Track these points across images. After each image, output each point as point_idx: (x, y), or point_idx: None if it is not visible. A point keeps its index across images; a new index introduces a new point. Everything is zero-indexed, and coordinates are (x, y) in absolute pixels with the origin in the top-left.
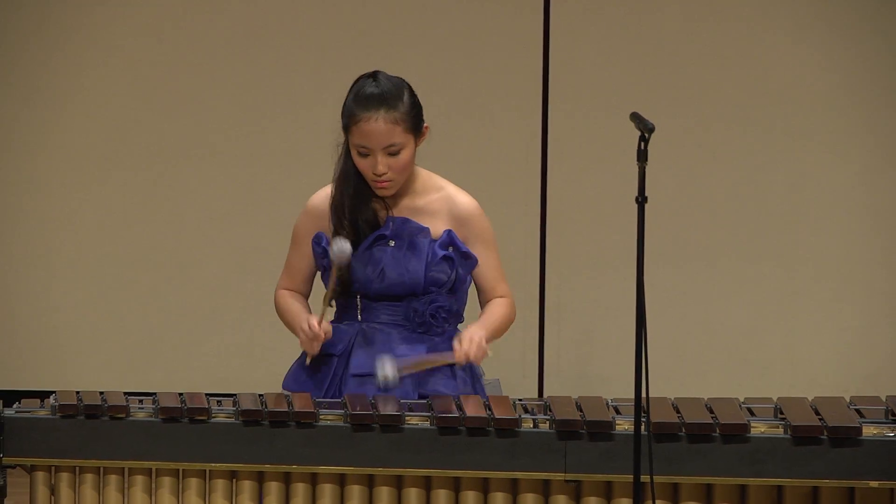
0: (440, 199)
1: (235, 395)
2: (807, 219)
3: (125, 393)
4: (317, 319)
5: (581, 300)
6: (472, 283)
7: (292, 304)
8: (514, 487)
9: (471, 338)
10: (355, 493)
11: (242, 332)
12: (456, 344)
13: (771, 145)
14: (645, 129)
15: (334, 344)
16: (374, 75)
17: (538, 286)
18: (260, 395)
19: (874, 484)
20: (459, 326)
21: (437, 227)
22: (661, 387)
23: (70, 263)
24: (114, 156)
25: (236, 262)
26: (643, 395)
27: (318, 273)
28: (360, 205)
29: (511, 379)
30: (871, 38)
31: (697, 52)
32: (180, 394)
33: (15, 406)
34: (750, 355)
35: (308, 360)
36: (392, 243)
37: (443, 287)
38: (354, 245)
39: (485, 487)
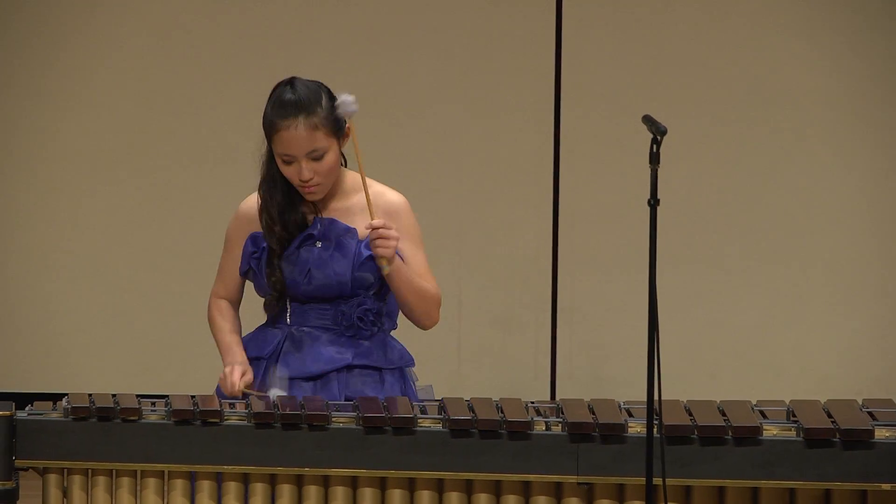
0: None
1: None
2: (818, 221)
3: (137, 395)
4: (240, 374)
5: (593, 303)
6: None
7: (223, 325)
8: (526, 490)
9: (392, 233)
10: (367, 496)
11: None
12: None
13: (782, 148)
14: (657, 131)
15: (263, 347)
16: (290, 82)
17: (550, 288)
18: None
19: (887, 487)
20: (393, 333)
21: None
22: (674, 389)
23: (81, 266)
24: (122, 157)
25: None
26: (655, 397)
27: (252, 284)
28: (289, 207)
29: (523, 381)
30: (879, 42)
31: (709, 55)
32: (193, 396)
33: (27, 408)
34: (762, 358)
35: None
36: (319, 244)
37: (370, 289)
38: (282, 247)
39: (497, 490)
